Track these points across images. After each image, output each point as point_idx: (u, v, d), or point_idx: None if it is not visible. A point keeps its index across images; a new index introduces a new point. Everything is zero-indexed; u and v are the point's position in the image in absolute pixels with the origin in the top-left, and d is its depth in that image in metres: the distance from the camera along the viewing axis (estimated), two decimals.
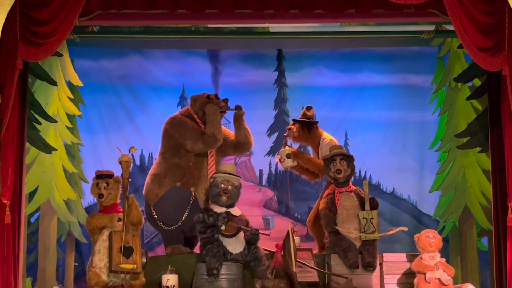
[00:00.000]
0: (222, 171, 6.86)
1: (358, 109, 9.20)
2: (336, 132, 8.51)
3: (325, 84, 9.27)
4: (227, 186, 6.74)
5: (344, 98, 9.29)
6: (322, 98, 9.14)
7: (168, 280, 6.50)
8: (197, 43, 8.75)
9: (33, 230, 8.69)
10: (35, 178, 8.57)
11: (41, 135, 8.12)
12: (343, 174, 6.92)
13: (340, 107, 9.25)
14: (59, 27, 6.59)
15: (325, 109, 8.97)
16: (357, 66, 9.21)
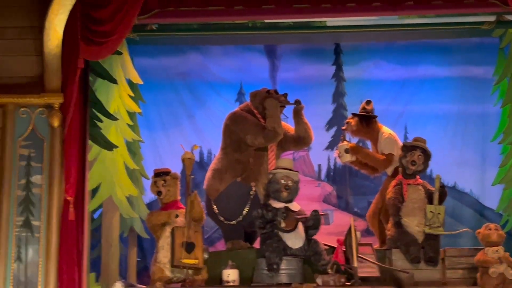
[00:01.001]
0: (281, 167, 6.86)
1: (417, 102, 9.09)
2: (395, 126, 8.42)
3: (383, 77, 9.19)
4: (287, 182, 6.73)
5: (402, 91, 9.20)
6: (380, 91, 9.07)
7: (229, 275, 6.54)
8: (254, 38, 8.78)
9: (96, 226, 8.84)
10: (98, 175, 8.71)
11: (103, 132, 8.24)
12: (415, 168, 6.84)
13: (399, 100, 9.16)
14: (119, 26, 6.70)
15: (383, 102, 8.89)
16: (415, 59, 9.11)
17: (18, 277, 6.60)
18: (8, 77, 6.96)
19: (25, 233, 6.69)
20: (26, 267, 6.63)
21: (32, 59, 6.94)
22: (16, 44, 6.97)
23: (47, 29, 6.74)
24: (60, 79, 6.86)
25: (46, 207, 6.73)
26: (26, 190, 6.78)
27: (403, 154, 6.87)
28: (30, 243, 6.69)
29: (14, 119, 6.90)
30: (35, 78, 6.94)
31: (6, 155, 6.81)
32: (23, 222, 6.71)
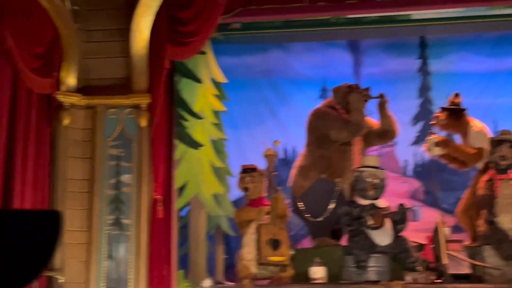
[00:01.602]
0: (367, 165, 6.79)
1: (507, 95, 8.83)
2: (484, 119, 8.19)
3: (471, 70, 8.97)
4: (374, 180, 6.65)
5: (491, 83, 8.95)
6: (467, 84, 8.84)
7: (316, 272, 6.51)
8: (338, 34, 8.70)
9: (183, 224, 8.95)
10: (184, 174, 8.81)
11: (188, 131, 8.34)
12: (506, 162, 6.65)
13: (487, 93, 8.92)
14: (203, 25, 6.76)
15: (471, 95, 8.66)
16: (504, 50, 8.84)
17: (110, 275, 6.75)
18: (97, 79, 7.13)
19: (116, 231, 6.84)
20: (117, 264, 6.77)
21: (120, 61, 7.08)
22: (104, 46, 7.13)
23: (133, 31, 6.87)
24: (147, 79, 6.97)
25: (135, 206, 6.86)
26: (116, 189, 6.93)
27: (491, 149, 6.69)
28: (121, 241, 6.83)
29: (104, 120, 7.06)
30: (123, 79, 7.07)
31: (97, 155, 6.98)
32: (113, 221, 6.86)
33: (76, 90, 7.02)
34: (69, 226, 6.82)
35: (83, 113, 7.11)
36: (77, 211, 6.92)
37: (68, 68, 6.95)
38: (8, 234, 0.97)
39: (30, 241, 0.99)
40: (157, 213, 6.80)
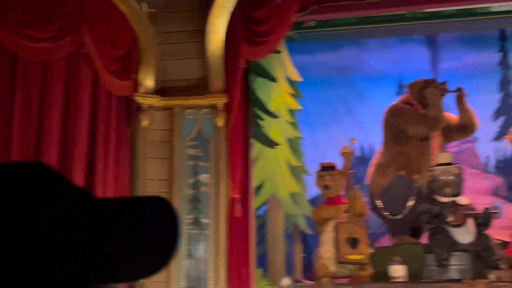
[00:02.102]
0: (439, 162, 6.66)
1: None
2: None
3: None
4: (447, 177, 6.52)
5: None
6: None
7: (396, 270, 6.44)
8: (414, 29, 8.55)
9: (261, 223, 8.97)
10: (261, 173, 8.82)
11: (264, 130, 8.35)
12: None
13: None
14: (278, 24, 6.77)
15: None
16: None
17: (189, 273, 6.83)
18: (174, 80, 7.22)
19: (195, 230, 6.92)
20: (197, 263, 6.85)
21: (196, 61, 7.15)
22: (181, 48, 7.22)
23: (209, 32, 6.93)
24: (223, 80, 7.03)
25: (213, 205, 6.92)
26: (195, 188, 7.00)
27: None
28: (200, 240, 6.90)
29: (181, 120, 7.15)
30: (199, 80, 7.15)
31: (175, 156, 7.07)
32: (193, 220, 6.94)
33: (154, 92, 7.14)
34: None
35: (161, 114, 7.21)
36: None
37: (146, 70, 7.07)
38: (125, 224, 0.98)
39: (150, 230, 0.99)
40: (235, 212, 6.84)
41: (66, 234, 0.96)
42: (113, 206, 1.00)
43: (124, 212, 0.98)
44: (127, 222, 0.97)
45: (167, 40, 7.24)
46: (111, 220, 0.98)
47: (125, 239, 0.96)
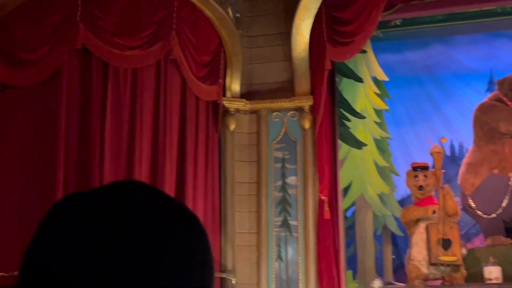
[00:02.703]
0: None
1: None
2: None
3: None
4: None
5: None
6: None
7: (491, 272, 6.28)
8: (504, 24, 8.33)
9: (349, 224, 8.93)
10: (348, 174, 8.78)
11: (351, 131, 8.31)
12: None
13: None
14: (364, 24, 6.72)
15: None
16: None
17: (280, 276, 6.86)
18: (260, 84, 7.27)
19: (284, 232, 6.94)
20: (287, 265, 6.87)
21: (282, 64, 7.18)
22: (266, 51, 7.26)
23: (294, 34, 6.95)
24: (308, 82, 7.03)
25: (302, 207, 6.93)
26: (283, 191, 7.03)
27: None
28: (289, 242, 6.92)
29: (268, 123, 7.19)
30: (285, 82, 7.17)
31: (262, 158, 7.12)
32: (281, 222, 6.96)
33: (240, 96, 7.21)
34: (238, 228, 7.01)
35: (247, 118, 7.27)
36: (246, 213, 7.09)
37: (232, 74, 7.15)
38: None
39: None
40: (324, 214, 6.82)
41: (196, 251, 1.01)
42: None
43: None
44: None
45: (252, 44, 7.30)
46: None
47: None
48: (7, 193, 6.35)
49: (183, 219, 1.02)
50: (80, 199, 1.01)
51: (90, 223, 0.96)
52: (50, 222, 1.00)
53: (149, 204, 1.00)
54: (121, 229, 0.96)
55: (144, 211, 0.98)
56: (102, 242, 0.94)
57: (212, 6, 6.84)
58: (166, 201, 1.02)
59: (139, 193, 1.01)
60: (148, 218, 0.98)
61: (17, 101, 6.53)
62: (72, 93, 6.39)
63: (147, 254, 0.95)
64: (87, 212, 0.98)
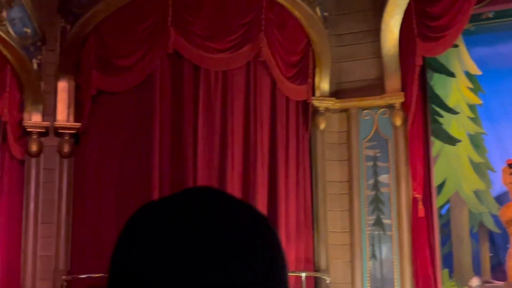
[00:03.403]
0: None
1: None
2: None
3: None
4: None
5: None
6: None
7: None
8: None
9: (444, 222, 8.74)
10: (442, 171, 8.60)
11: (444, 127, 8.14)
12: None
13: None
14: (456, 18, 6.59)
15: None
16: None
17: (374, 275, 6.80)
18: (349, 82, 7.24)
19: (377, 231, 6.88)
20: (381, 264, 6.80)
21: (371, 62, 7.12)
22: (355, 49, 7.22)
23: (383, 31, 6.88)
24: (399, 78, 6.95)
25: (395, 205, 6.85)
26: (375, 189, 6.97)
27: None
28: (382, 241, 6.85)
29: (358, 121, 7.14)
30: (374, 80, 7.11)
31: (353, 157, 7.08)
32: (374, 221, 6.91)
33: (329, 94, 7.19)
34: (331, 228, 6.99)
35: (337, 116, 7.25)
36: (338, 212, 7.06)
37: (321, 73, 7.14)
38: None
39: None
40: (418, 212, 6.72)
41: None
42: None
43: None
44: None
45: (340, 42, 7.27)
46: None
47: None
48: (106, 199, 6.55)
49: (258, 222, 1.04)
50: (159, 207, 1.04)
51: (169, 229, 1.00)
52: (132, 229, 1.04)
53: (226, 210, 1.02)
54: (200, 234, 0.99)
55: (222, 218, 1.01)
56: (182, 248, 0.98)
57: (300, 6, 6.85)
58: (239, 205, 1.04)
59: (214, 199, 1.04)
60: (227, 225, 1.01)
61: (113, 106, 6.72)
62: (164, 97, 6.53)
63: (228, 259, 0.98)
64: (165, 219, 1.01)
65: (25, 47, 6.76)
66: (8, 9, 6.59)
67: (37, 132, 6.89)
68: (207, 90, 6.55)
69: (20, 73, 6.77)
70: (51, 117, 6.93)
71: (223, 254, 0.98)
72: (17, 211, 6.82)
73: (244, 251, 0.99)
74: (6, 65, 6.71)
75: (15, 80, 6.78)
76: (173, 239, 0.98)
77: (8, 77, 6.72)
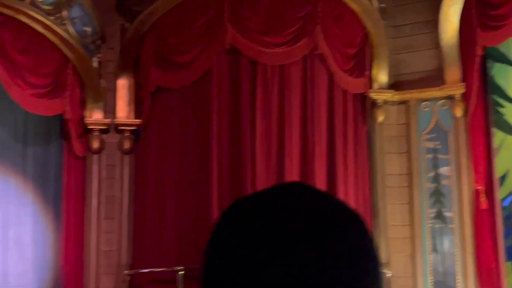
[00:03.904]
0: None
1: None
2: None
3: None
4: None
5: None
6: None
7: None
8: None
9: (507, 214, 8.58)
10: (504, 162, 8.41)
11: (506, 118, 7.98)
12: None
13: None
14: None
15: None
16: None
17: (436, 268, 6.72)
18: (408, 74, 7.16)
19: (438, 224, 6.80)
20: (442, 257, 6.72)
21: (429, 52, 7.03)
22: (413, 40, 7.13)
23: (442, 21, 6.78)
24: (459, 69, 6.84)
25: (456, 198, 6.75)
26: (435, 182, 6.88)
27: None
28: (444, 234, 6.77)
29: (417, 113, 7.06)
30: (433, 71, 7.02)
31: (413, 150, 7.00)
32: (435, 214, 6.82)
33: (387, 87, 7.12)
34: (391, 221, 6.94)
35: (395, 109, 7.18)
36: (397, 205, 7.00)
37: (378, 65, 7.08)
38: None
39: None
40: (480, 205, 6.62)
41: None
42: None
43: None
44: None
45: (398, 33, 7.19)
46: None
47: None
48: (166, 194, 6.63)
49: (351, 218, 1.03)
50: (250, 203, 1.04)
51: (262, 225, 0.99)
52: (226, 224, 1.03)
53: (317, 205, 1.01)
54: (303, 234, 0.98)
55: (322, 217, 1.00)
56: (277, 244, 0.97)
57: None
58: (328, 200, 1.03)
59: (305, 195, 1.03)
60: (329, 224, 1.00)
61: (171, 102, 6.80)
62: (222, 92, 6.57)
63: (335, 261, 0.97)
64: (259, 215, 1.00)
65: (85, 45, 6.89)
66: (68, 8, 6.72)
67: (98, 129, 7.02)
68: (264, 84, 6.57)
69: (80, 71, 6.90)
70: (111, 114, 7.05)
71: (330, 255, 0.97)
72: (81, 208, 6.96)
73: (350, 251, 0.98)
74: (67, 64, 6.85)
75: (76, 79, 6.91)
76: (274, 239, 0.98)
77: (69, 76, 6.86)
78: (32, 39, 6.67)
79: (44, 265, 7.05)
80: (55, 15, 6.68)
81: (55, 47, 6.76)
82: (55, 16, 6.68)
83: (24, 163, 7.14)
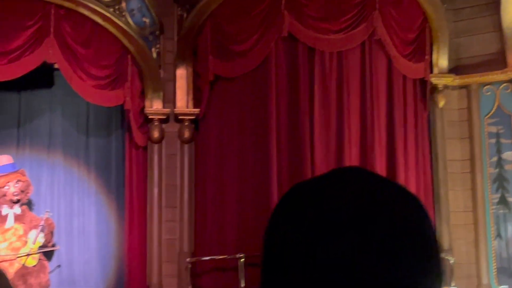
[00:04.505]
0: None
1: None
2: None
3: None
4: None
5: None
6: None
7: None
8: None
9: None
10: None
11: None
12: None
13: None
14: None
15: None
16: None
17: (500, 254, 6.61)
18: (468, 57, 7.03)
19: (502, 210, 6.68)
20: (507, 244, 6.61)
21: (491, 36, 6.90)
22: (473, 23, 7.00)
23: (503, 3, 6.65)
24: None
25: None
26: (498, 167, 6.76)
27: None
28: (508, 220, 6.65)
29: (479, 98, 6.94)
30: (495, 54, 6.88)
31: (475, 134, 6.89)
32: (499, 199, 6.71)
33: (448, 71, 7.01)
34: (453, 207, 6.85)
35: (456, 93, 7.07)
36: (460, 191, 6.90)
37: (438, 50, 6.97)
38: None
39: None
40: None
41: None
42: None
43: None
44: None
45: (458, 17, 7.07)
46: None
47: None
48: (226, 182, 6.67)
49: (415, 206, 1.00)
50: (304, 189, 1.02)
51: (313, 212, 0.97)
52: (280, 211, 1.03)
53: (370, 191, 0.99)
54: (352, 216, 0.96)
55: (364, 199, 0.98)
56: (324, 232, 0.95)
57: None
58: (385, 186, 1.01)
59: (361, 180, 1.01)
60: (393, 214, 0.97)
61: (230, 91, 6.83)
62: (280, 80, 6.56)
63: (400, 255, 0.95)
64: (311, 202, 0.99)
65: (144, 36, 6.96)
66: (127, 0, 6.80)
67: (158, 119, 7.10)
68: (322, 71, 6.54)
69: (140, 62, 6.98)
70: (171, 104, 7.11)
71: (374, 245, 0.93)
72: (142, 197, 7.06)
73: (415, 245, 0.94)
74: (127, 55, 6.94)
75: (136, 69, 7.00)
76: (322, 227, 0.95)
77: (129, 67, 6.95)
78: (93, 31, 6.78)
79: (107, 254, 7.18)
80: (114, 6, 6.77)
81: (115, 38, 6.84)
82: (114, 8, 6.77)
83: (86, 154, 7.28)
